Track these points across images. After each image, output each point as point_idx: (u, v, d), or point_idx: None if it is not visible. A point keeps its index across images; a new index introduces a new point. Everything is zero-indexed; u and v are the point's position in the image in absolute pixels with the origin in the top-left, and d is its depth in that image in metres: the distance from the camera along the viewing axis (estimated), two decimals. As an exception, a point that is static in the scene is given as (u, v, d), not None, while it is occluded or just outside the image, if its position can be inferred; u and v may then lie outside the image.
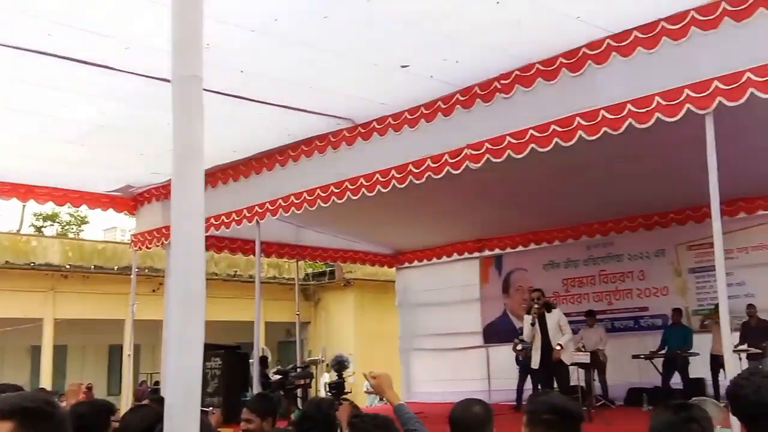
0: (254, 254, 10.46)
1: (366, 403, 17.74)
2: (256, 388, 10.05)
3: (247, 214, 9.83)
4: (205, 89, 2.42)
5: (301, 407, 7.32)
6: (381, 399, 16.74)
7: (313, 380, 13.33)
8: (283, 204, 9.36)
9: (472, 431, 3.04)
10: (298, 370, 12.23)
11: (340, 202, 8.72)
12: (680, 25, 5.87)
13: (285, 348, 23.48)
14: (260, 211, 9.69)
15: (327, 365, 12.34)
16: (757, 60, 5.54)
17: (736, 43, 5.66)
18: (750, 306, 10.71)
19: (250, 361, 10.83)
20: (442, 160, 7.58)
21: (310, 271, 24.37)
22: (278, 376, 11.51)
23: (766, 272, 11.24)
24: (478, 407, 3.11)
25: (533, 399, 2.76)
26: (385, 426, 3.02)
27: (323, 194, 8.85)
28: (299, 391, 11.78)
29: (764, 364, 10.20)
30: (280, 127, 8.77)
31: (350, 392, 10.83)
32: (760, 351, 10.21)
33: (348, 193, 8.55)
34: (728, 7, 5.65)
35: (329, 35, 6.30)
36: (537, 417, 2.59)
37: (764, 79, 5.49)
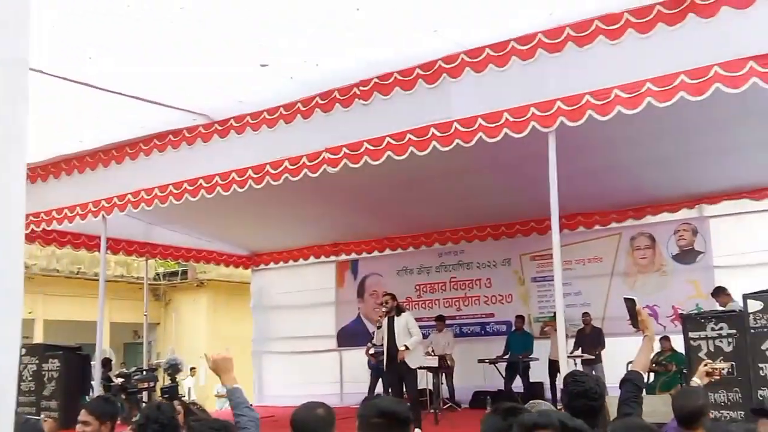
0: (99, 251, 9.94)
1: (216, 407, 17.34)
2: (97, 392, 9.55)
3: (93, 209, 9.33)
4: (50, 74, 2.26)
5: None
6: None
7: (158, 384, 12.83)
8: (132, 200, 8.97)
9: None
10: (144, 373, 11.74)
11: (194, 200, 8.48)
12: (528, 46, 6.19)
13: (132, 350, 22.43)
14: (107, 206, 9.23)
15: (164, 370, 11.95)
16: (595, 84, 5.95)
17: (578, 67, 6.05)
18: (585, 314, 11.44)
19: (92, 363, 10.27)
20: (300, 163, 7.56)
21: (161, 270, 23.46)
22: (121, 380, 10.99)
23: (600, 283, 12.09)
24: (320, 410, 3.11)
25: (364, 404, 2.79)
26: (224, 429, 2.96)
27: (176, 191, 8.57)
28: (145, 395, 11.33)
29: (596, 370, 10.95)
30: (132, 119, 8.39)
31: (184, 396, 10.56)
32: (593, 357, 10.95)
33: (202, 191, 8.34)
34: (572, 33, 6.02)
35: (186, 27, 6.11)
36: (366, 421, 2.63)
37: (602, 102, 5.90)
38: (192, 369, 19.82)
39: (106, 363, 11.81)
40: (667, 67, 5.66)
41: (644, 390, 3.24)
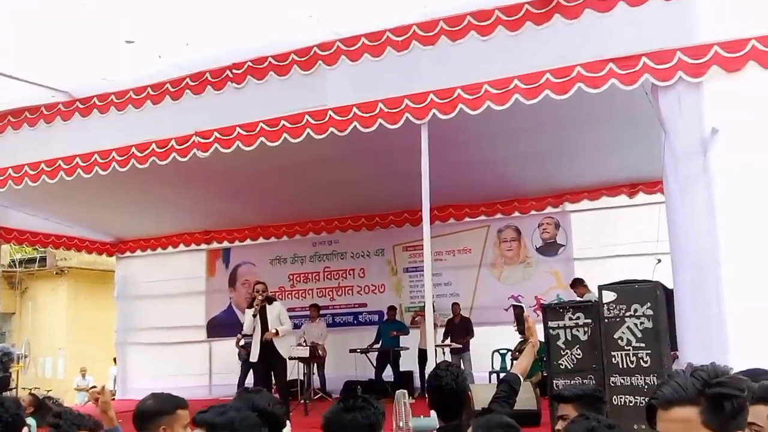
0: (-57, 235, 9.18)
1: (76, 401, 16.53)
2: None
3: (-63, 189, 8.58)
4: None
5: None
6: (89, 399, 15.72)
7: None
8: (-18, 180, 8.32)
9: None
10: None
11: (52, 182, 7.98)
12: (403, 38, 6.25)
13: (-16, 342, 20.98)
14: (-47, 186, 8.52)
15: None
16: (467, 78, 6.07)
17: (450, 61, 6.15)
18: (454, 304, 11.74)
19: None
20: (169, 146, 7.28)
21: (18, 257, 22.00)
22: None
23: (469, 273, 12.45)
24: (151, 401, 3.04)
25: (239, 395, 2.66)
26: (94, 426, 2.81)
27: (32, 172, 8.05)
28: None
29: (464, 358, 11.27)
30: (-17, 94, 7.78)
31: (14, 388, 10.04)
32: (460, 346, 11.25)
33: (61, 173, 7.88)
34: (445, 27, 6.12)
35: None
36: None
37: (473, 96, 6.03)
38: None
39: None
40: (534, 65, 5.86)
41: (518, 392, 3.33)
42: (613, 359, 6.56)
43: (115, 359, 18.61)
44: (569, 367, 6.97)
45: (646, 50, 5.59)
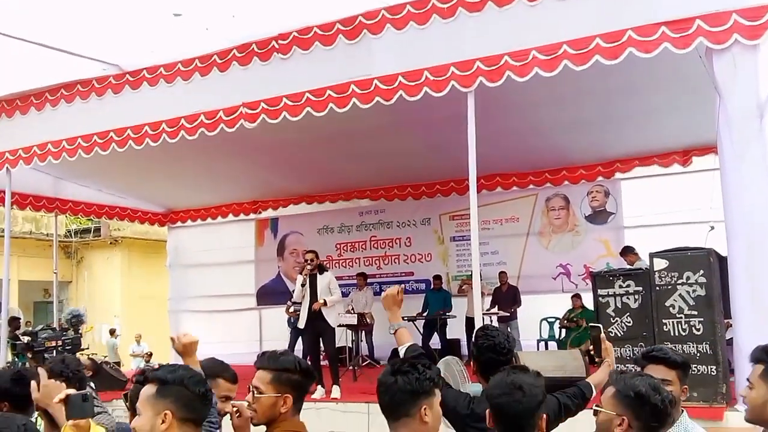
0: (3, 205, 9.48)
1: (131, 366, 17.04)
2: (2, 351, 9.21)
3: (-4, 161, 8.87)
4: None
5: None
6: (147, 362, 16.16)
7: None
8: (39, 152, 8.60)
9: None
10: (52, 331, 11.32)
11: (104, 153, 8.17)
12: (449, 5, 6.16)
13: (42, 309, 21.69)
14: (11, 158, 8.82)
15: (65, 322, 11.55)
16: (514, 45, 5.98)
17: (497, 27, 6.05)
18: (501, 273, 11.70)
19: (-1, 322, 9.87)
20: (217, 117, 7.37)
21: (73, 227, 22.63)
22: (27, 338, 10.58)
23: (516, 242, 12.38)
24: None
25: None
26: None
27: (85, 144, 8.24)
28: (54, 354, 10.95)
29: (512, 327, 11.27)
30: (36, 68, 7.96)
31: (87, 348, 10.38)
32: (508, 314, 11.25)
33: (113, 144, 8.05)
34: (492, -7, 6.01)
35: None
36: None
37: (520, 63, 5.94)
38: (112, 330, 19.33)
39: (12, 321, 11.34)
40: (584, 30, 5.73)
41: (585, 398, 3.29)
42: (665, 327, 6.51)
43: (112, 330, 19.14)
44: (619, 335, 6.94)
45: (700, 12, 5.42)
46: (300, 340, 12.15)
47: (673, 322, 6.44)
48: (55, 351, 10.38)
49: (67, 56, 7.54)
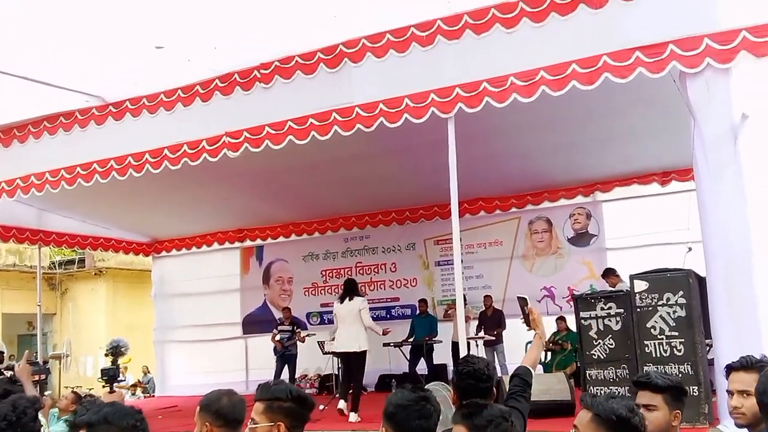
0: (-15, 239, 9.44)
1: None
2: (-16, 386, 9.06)
3: (-22, 194, 8.83)
4: None
5: (34, 405, 6.74)
6: (133, 394, 15.93)
7: (51, 375, 12.30)
8: (22, 185, 8.57)
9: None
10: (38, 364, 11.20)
11: (87, 185, 8.17)
12: (428, 33, 6.26)
13: (26, 341, 21.45)
14: (-6, 191, 8.77)
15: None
16: (493, 72, 6.08)
17: (476, 55, 6.16)
18: (486, 297, 11.73)
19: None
20: (200, 147, 7.40)
21: (57, 258, 22.47)
22: (9, 372, 10.47)
23: (501, 265, 12.43)
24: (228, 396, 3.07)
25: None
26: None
27: (68, 176, 8.24)
28: (38, 388, 10.80)
29: (497, 350, 11.28)
30: (19, 101, 7.99)
31: (123, 380, 10.25)
32: (493, 338, 11.26)
33: (96, 175, 8.05)
34: (470, 21, 6.13)
35: (78, 6, 5.86)
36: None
37: (499, 89, 6.03)
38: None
39: (-3, 356, 11.26)
40: (560, 56, 5.84)
41: (531, 385, 3.40)
42: (646, 348, 6.56)
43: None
44: (602, 358, 6.99)
45: (672, 37, 5.54)
46: (286, 368, 12.17)
47: (654, 343, 6.50)
48: (38, 385, 10.27)
49: (49, 89, 7.57)
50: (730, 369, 3.01)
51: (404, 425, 2.52)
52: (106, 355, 5.48)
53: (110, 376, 8.69)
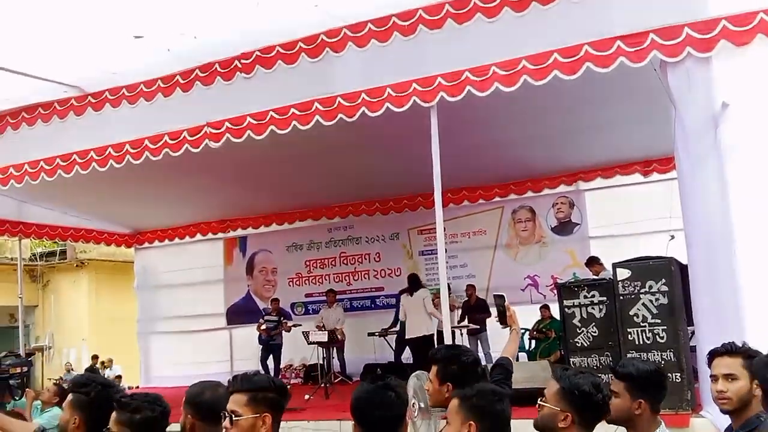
0: (-36, 231, 9.32)
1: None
2: (-35, 379, 8.98)
3: (-44, 186, 8.71)
4: None
5: (16, 397, 6.77)
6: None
7: (34, 368, 12.20)
8: (1, 176, 8.46)
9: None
10: (14, 358, 11.07)
11: (67, 176, 8.07)
12: (409, 22, 6.23)
13: (8, 334, 21.26)
14: (-27, 183, 8.65)
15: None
16: (475, 61, 6.06)
17: (457, 44, 6.13)
18: (469, 286, 11.75)
19: (-40, 350, 9.65)
20: (181, 137, 7.33)
21: (38, 250, 22.27)
22: (-3, 365, 10.36)
23: (484, 255, 12.47)
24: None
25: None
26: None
27: (48, 167, 8.14)
28: (21, 381, 10.68)
29: (482, 339, 11.32)
30: (-3, 92, 7.88)
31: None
32: (477, 327, 11.30)
33: (76, 167, 7.96)
34: (451, 10, 6.10)
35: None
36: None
37: (481, 78, 6.01)
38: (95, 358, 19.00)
39: (-23, 349, 11.14)
40: (542, 45, 5.83)
41: (510, 373, 3.50)
42: (629, 336, 6.60)
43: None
44: (585, 345, 7.03)
45: (653, 26, 5.54)
46: (271, 357, 12.17)
47: (637, 330, 6.54)
48: (21, 377, 10.18)
49: (28, 79, 7.46)
50: (713, 354, 3.01)
51: (366, 417, 2.51)
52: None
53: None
